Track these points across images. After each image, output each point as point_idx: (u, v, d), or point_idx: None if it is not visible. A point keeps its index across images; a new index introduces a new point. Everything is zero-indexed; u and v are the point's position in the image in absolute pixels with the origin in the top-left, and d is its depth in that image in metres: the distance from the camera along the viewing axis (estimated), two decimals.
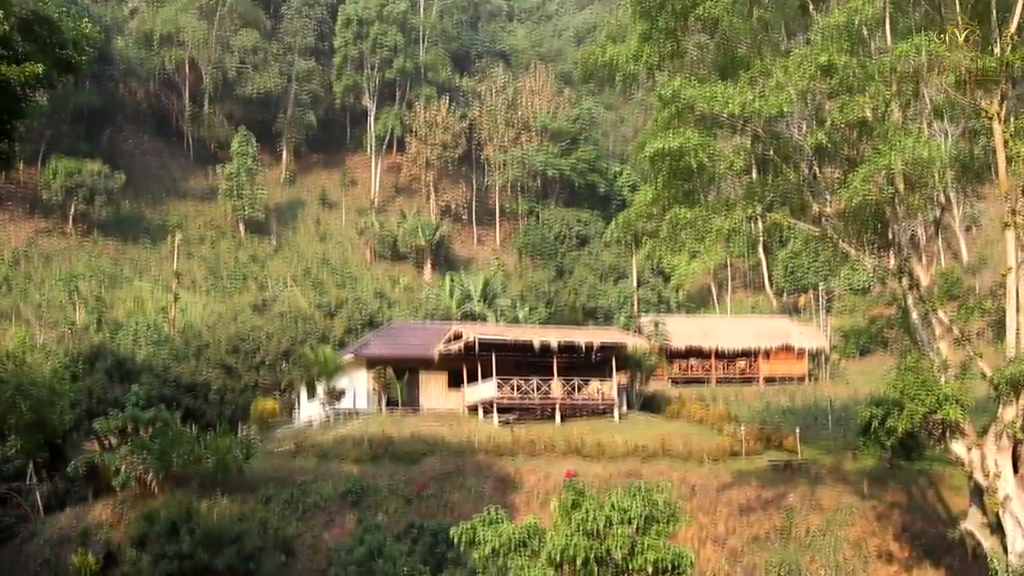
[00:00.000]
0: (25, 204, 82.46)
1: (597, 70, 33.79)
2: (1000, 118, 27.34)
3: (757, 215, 32.60)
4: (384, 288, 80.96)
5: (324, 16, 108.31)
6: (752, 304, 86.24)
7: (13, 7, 24.11)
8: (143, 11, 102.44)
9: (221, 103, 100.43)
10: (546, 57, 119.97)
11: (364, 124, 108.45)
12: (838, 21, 26.92)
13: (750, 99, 27.49)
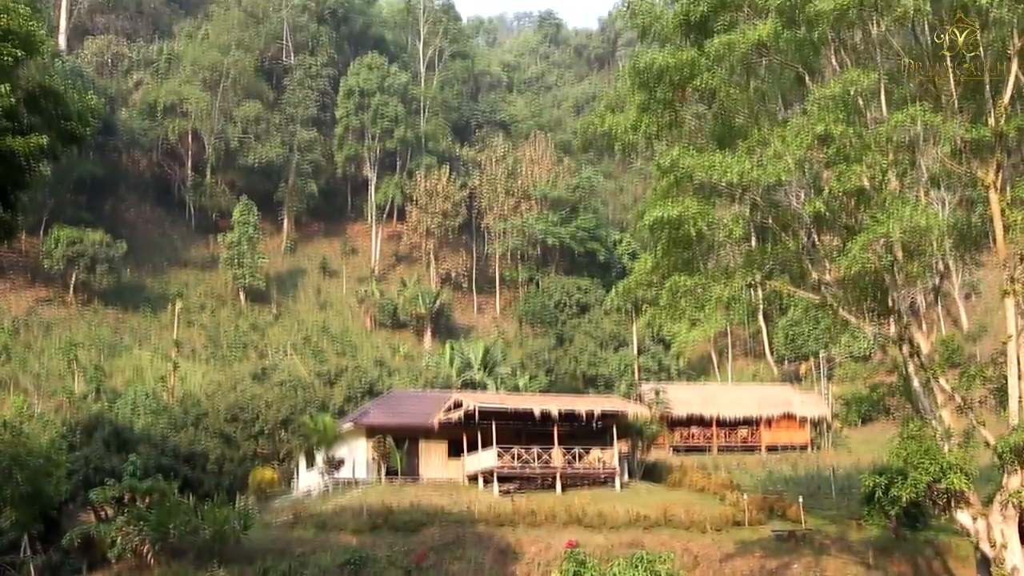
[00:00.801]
0: (26, 273, 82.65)
1: (596, 139, 34.17)
2: (996, 187, 27.59)
3: (757, 283, 32.68)
4: (384, 356, 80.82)
5: (326, 87, 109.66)
6: (753, 372, 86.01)
7: (20, 81, 24.43)
8: (147, 83, 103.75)
9: (223, 172, 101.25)
10: (546, 127, 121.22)
11: (365, 193, 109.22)
12: (834, 92, 27.26)
13: (748, 168, 27.73)
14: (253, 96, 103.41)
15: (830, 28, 28.39)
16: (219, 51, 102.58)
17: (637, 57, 31.33)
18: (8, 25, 23.34)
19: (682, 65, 30.13)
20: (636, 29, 34.17)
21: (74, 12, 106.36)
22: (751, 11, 30.39)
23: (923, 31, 28.71)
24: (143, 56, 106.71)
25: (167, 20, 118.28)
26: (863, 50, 29.85)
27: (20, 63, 24.24)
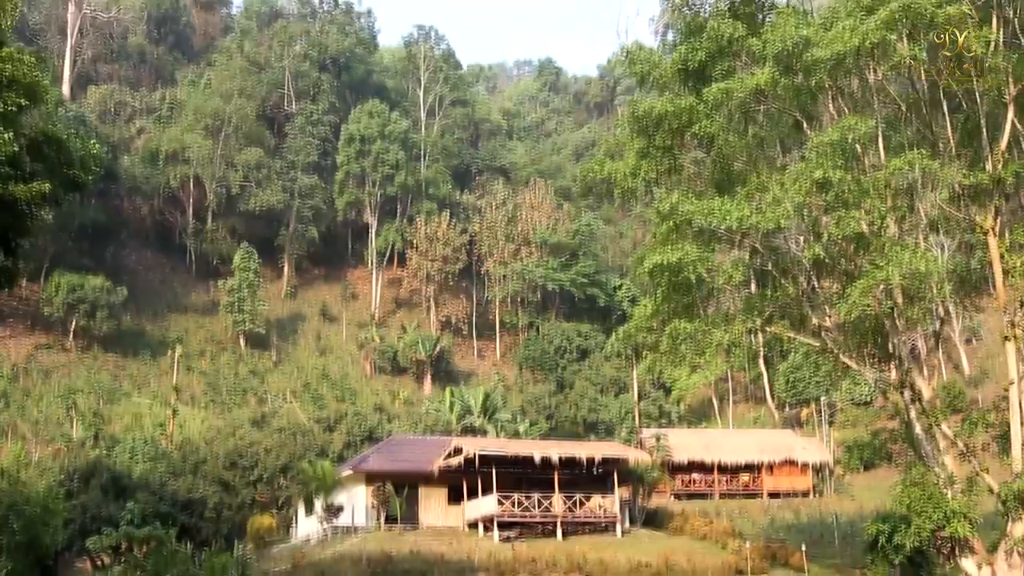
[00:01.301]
0: (26, 320, 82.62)
1: (596, 185, 34.34)
2: (995, 232, 27.69)
3: (757, 328, 32.65)
4: (384, 402, 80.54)
5: (327, 134, 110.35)
6: (754, 417, 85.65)
7: (23, 128, 24.61)
8: (150, 130, 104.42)
9: (224, 219, 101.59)
10: (545, 173, 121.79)
11: (365, 239, 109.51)
12: (832, 138, 27.44)
13: (747, 214, 27.84)
14: (255, 143, 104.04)
15: (827, 75, 28.65)
16: (221, 98, 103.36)
17: (636, 104, 31.60)
18: (12, 74, 23.56)
19: (681, 112, 30.38)
20: (635, 76, 34.52)
21: (78, 61, 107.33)
22: (748, 59, 30.70)
23: (919, 78, 28.97)
24: (146, 104, 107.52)
25: (170, 68, 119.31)
26: (860, 97, 30.13)
27: (24, 111, 24.44)
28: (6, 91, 23.36)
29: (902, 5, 26.31)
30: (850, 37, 26.95)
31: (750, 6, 32.36)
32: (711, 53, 30.92)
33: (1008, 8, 27.70)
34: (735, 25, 30.39)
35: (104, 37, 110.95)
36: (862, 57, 27.91)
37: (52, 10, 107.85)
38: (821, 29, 28.96)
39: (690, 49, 31.26)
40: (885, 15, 26.57)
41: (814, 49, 27.81)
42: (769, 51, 28.85)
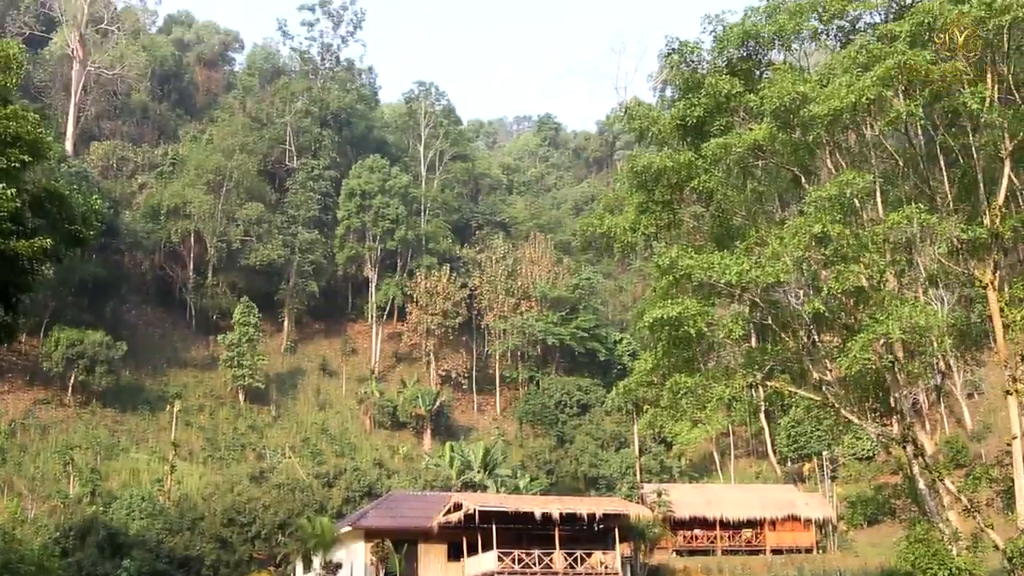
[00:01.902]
0: (25, 375, 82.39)
1: (596, 240, 34.48)
2: (994, 286, 27.73)
3: (757, 383, 32.59)
4: (383, 457, 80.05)
5: (328, 189, 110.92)
6: (756, 472, 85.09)
7: (26, 184, 24.79)
8: (152, 185, 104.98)
9: (225, 273, 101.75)
10: (545, 227, 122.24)
11: (365, 293, 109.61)
12: (830, 193, 27.61)
13: (747, 268, 27.91)
14: (256, 198, 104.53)
15: (825, 131, 28.90)
16: (223, 154, 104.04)
17: (635, 159, 31.85)
18: (16, 131, 23.80)
19: (679, 167, 30.60)
20: (634, 132, 34.84)
21: (81, 118, 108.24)
22: (746, 114, 31.00)
23: (916, 134, 29.23)
24: (148, 159, 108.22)
25: (172, 125, 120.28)
26: (858, 152, 30.38)
27: (27, 167, 24.63)
28: (10, 148, 23.57)
29: (897, 62, 26.63)
30: (847, 93, 27.23)
31: (747, 63, 32.75)
32: (709, 109, 31.22)
33: (1002, 65, 28.02)
34: (732, 81, 30.73)
35: (108, 94, 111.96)
36: (859, 113, 28.18)
37: (57, 68, 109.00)
38: (818, 85, 29.26)
39: (688, 105, 31.58)
40: (881, 72, 26.88)
41: (811, 105, 28.08)
42: (767, 107, 29.12)
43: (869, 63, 27.93)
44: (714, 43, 32.64)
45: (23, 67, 26.18)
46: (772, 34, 31.83)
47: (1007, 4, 26.09)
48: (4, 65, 24.69)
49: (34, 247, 23.90)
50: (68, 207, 26.07)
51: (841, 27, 32.73)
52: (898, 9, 31.51)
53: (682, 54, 32.67)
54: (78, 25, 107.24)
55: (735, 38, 31.99)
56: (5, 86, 24.73)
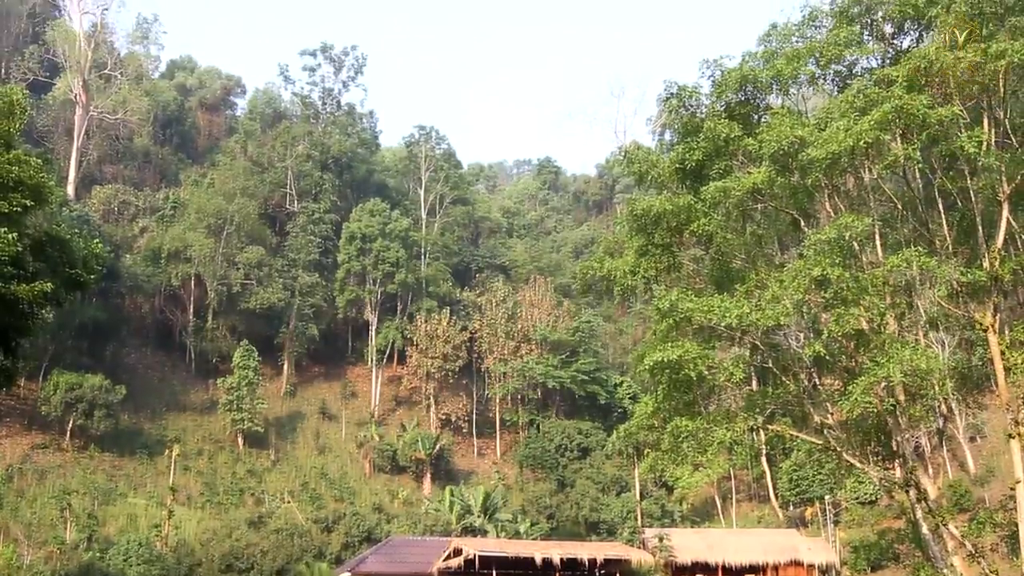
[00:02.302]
0: (23, 419, 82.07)
1: (596, 283, 34.49)
2: (994, 329, 27.68)
3: (759, 426, 32.43)
4: (383, 502, 79.58)
5: (328, 232, 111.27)
6: (758, 516, 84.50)
7: (27, 229, 24.88)
8: (152, 229, 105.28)
9: (224, 317, 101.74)
10: (545, 270, 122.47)
11: (366, 336, 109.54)
12: (829, 236, 27.66)
13: (747, 311, 27.88)
14: (256, 241, 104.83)
15: (823, 175, 29.01)
16: (224, 198, 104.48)
17: (634, 203, 31.93)
18: (19, 176, 23.95)
19: (679, 210, 30.67)
20: (633, 175, 34.99)
21: (84, 162, 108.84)
22: (745, 158, 31.14)
23: (914, 177, 29.35)
24: (149, 203, 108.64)
25: (174, 169, 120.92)
26: (856, 195, 30.47)
27: (29, 211, 24.72)
28: (12, 192, 23.70)
29: (894, 107, 26.79)
30: (844, 137, 27.37)
31: (745, 107, 32.97)
32: (708, 153, 31.38)
33: (999, 109, 28.21)
34: (731, 126, 30.90)
35: (110, 138, 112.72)
36: (857, 157, 28.31)
37: (60, 113, 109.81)
38: (816, 129, 29.42)
39: (687, 149, 31.74)
40: (878, 116, 27.04)
41: (809, 149, 28.21)
42: (765, 151, 29.26)
43: (866, 107, 28.11)
44: (712, 87, 32.88)
45: (26, 112, 26.39)
46: (770, 79, 32.07)
47: (1002, 50, 26.31)
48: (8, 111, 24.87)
49: (34, 291, 23.94)
50: (69, 251, 26.15)
51: (838, 72, 33.00)
52: (895, 54, 31.79)
53: (681, 98, 32.90)
54: (82, 71, 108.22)
55: (733, 83, 32.23)
56: (8, 131, 24.90)
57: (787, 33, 33.31)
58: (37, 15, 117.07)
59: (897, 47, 32.06)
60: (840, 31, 31.12)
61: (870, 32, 32.40)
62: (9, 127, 24.50)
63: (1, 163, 23.58)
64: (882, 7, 31.23)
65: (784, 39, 33.23)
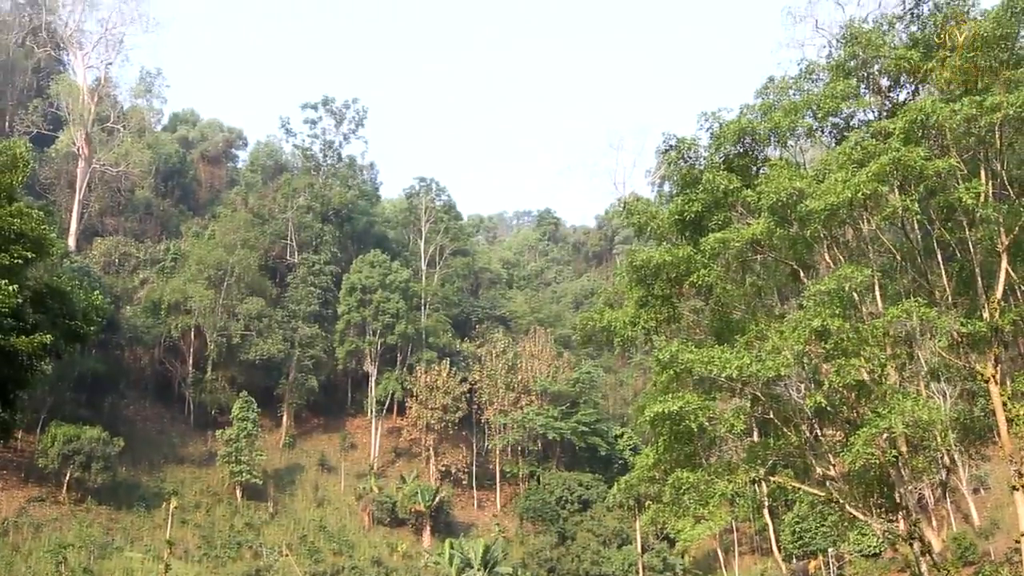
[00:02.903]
0: (20, 472, 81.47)
1: (596, 334, 34.50)
2: (996, 380, 27.64)
3: (760, 478, 32.25)
4: (382, 555, 78.79)
5: (328, 284, 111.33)
6: (761, 569, 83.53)
7: (28, 281, 24.91)
8: (153, 280, 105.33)
9: (224, 368, 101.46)
10: (545, 322, 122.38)
11: (365, 388, 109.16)
12: (829, 287, 27.72)
13: (747, 362, 27.85)
14: (256, 292, 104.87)
15: (822, 226, 29.14)
16: (224, 250, 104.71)
17: (634, 254, 32.04)
18: (21, 228, 24.05)
19: (678, 262, 30.76)
20: (633, 227, 35.16)
21: (85, 214, 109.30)
22: (744, 209, 31.31)
23: (913, 228, 29.48)
24: (150, 255, 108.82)
25: (175, 221, 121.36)
26: (855, 246, 30.58)
27: (30, 264, 24.78)
28: (13, 244, 23.77)
29: (892, 159, 26.99)
30: (843, 189, 27.53)
31: (744, 159, 33.22)
32: (707, 204, 31.56)
33: (996, 161, 28.41)
34: (730, 177, 31.11)
35: (112, 191, 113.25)
36: (855, 208, 28.46)
37: (63, 165, 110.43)
38: (814, 181, 29.61)
39: (686, 200, 31.93)
40: (876, 168, 27.22)
41: (808, 200, 28.36)
42: (764, 202, 29.41)
43: (864, 159, 28.31)
44: (711, 140, 33.18)
45: (29, 165, 26.57)
46: (768, 131, 32.36)
47: (998, 102, 26.56)
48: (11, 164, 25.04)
49: (34, 343, 23.93)
50: (69, 303, 26.19)
51: (835, 124, 33.31)
52: (891, 107, 32.11)
53: (679, 150, 33.18)
54: (85, 124, 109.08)
55: (731, 135, 32.51)
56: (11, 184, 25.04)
57: (784, 86, 33.69)
58: (42, 69, 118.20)
59: (893, 100, 32.39)
60: (837, 84, 31.46)
61: (866, 85, 32.75)
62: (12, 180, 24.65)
63: (3, 215, 23.72)
64: (878, 61, 31.60)
65: (781, 92, 33.59)
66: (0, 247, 23.37)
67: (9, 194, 25.04)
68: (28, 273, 25.60)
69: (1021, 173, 29.73)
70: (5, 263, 23.49)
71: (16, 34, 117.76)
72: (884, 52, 31.57)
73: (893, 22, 33.70)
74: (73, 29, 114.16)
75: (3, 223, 23.88)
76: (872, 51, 31.70)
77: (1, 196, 24.69)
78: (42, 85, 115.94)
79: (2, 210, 23.87)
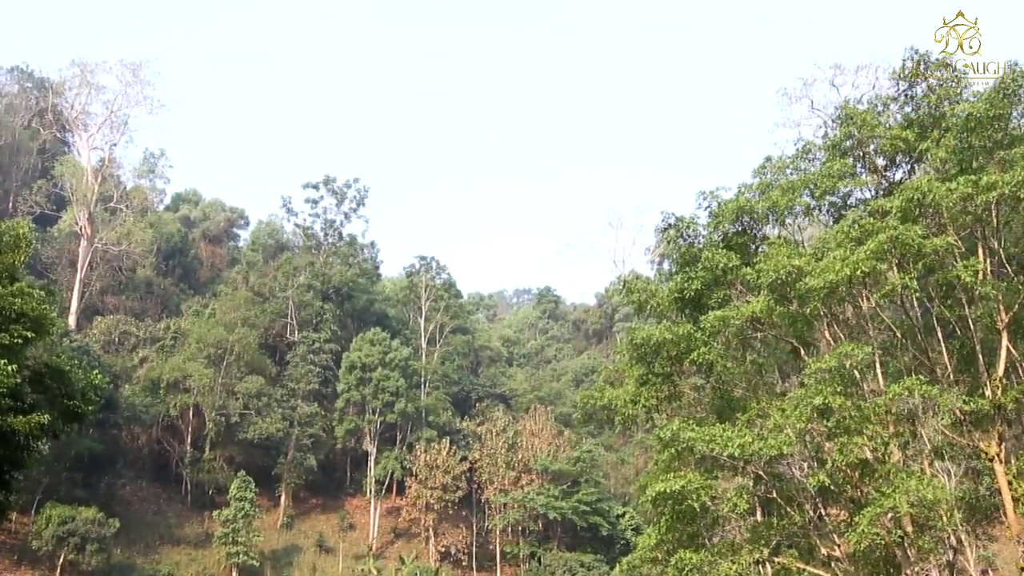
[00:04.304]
0: (13, 554, 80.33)
1: (596, 412, 34.41)
2: (1001, 459, 27.45)
3: (764, 559, 31.79)
4: None
5: (328, 362, 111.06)
6: None
7: (27, 360, 24.88)
8: (152, 359, 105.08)
9: (222, 447, 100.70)
10: (546, 399, 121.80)
11: (364, 467, 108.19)
12: (830, 364, 27.67)
13: (749, 441, 27.69)
14: (256, 371, 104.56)
15: (821, 303, 29.19)
16: (225, 328, 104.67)
17: (634, 332, 32.07)
18: (22, 307, 24.09)
19: (679, 339, 30.78)
20: (632, 304, 35.25)
21: (86, 293, 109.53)
22: (743, 287, 31.41)
23: (912, 306, 29.53)
24: (150, 333, 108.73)
25: (176, 299, 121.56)
26: (855, 324, 30.61)
27: (29, 343, 24.77)
28: (14, 324, 23.79)
29: (890, 237, 27.15)
30: (842, 267, 27.65)
31: (743, 237, 33.44)
32: (707, 282, 31.68)
33: (993, 239, 28.58)
34: (729, 255, 31.28)
35: (113, 270, 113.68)
36: (855, 286, 28.55)
37: (65, 244, 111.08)
38: (813, 259, 29.75)
39: (686, 278, 32.07)
40: (874, 246, 27.37)
41: (807, 278, 28.47)
42: (763, 280, 29.51)
43: (862, 237, 28.49)
44: (709, 218, 33.46)
45: (31, 245, 26.74)
46: (766, 209, 32.64)
47: (993, 182, 26.82)
48: (14, 244, 25.20)
49: (31, 423, 23.82)
50: (68, 382, 26.13)
51: (833, 203, 33.62)
52: (888, 186, 32.45)
53: (678, 229, 33.44)
54: (88, 204, 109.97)
55: (730, 213, 32.78)
56: (13, 264, 25.17)
57: (782, 165, 34.08)
58: (47, 150, 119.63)
59: (890, 179, 32.75)
60: (833, 164, 31.82)
61: (863, 165, 33.14)
62: (14, 260, 24.81)
63: (4, 295, 23.81)
64: (873, 141, 32.03)
65: (779, 171, 33.97)
66: (0, 327, 23.42)
67: (11, 274, 25.16)
68: (28, 352, 25.57)
69: (1019, 251, 29.89)
70: (5, 343, 23.50)
71: (23, 116, 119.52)
72: (879, 132, 32.01)
73: (887, 103, 34.26)
74: (79, 111, 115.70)
75: (4, 303, 23.96)
76: (867, 131, 32.14)
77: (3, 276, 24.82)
78: (47, 166, 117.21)
79: (3, 290, 23.99)
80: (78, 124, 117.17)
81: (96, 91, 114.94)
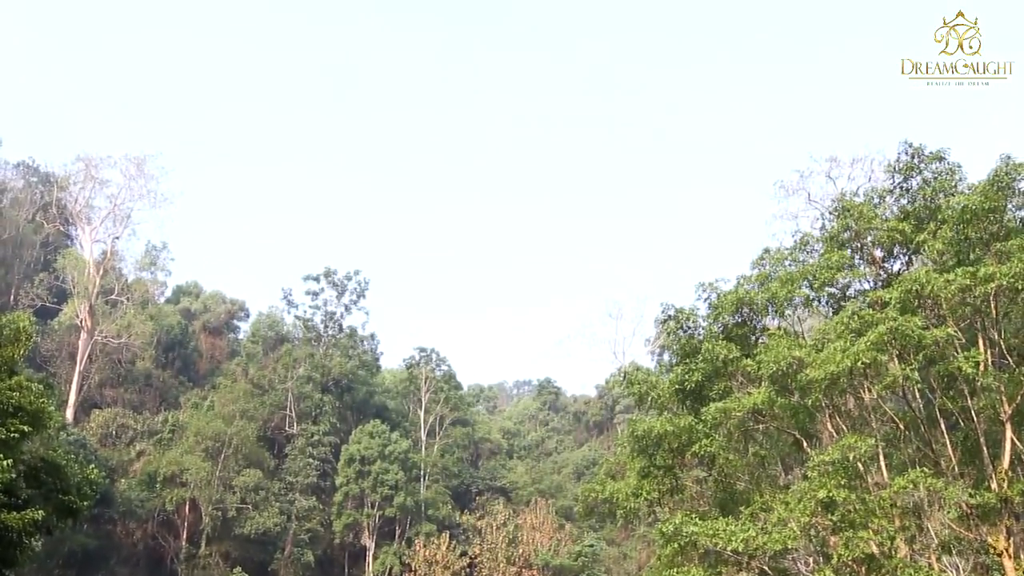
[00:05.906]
0: None
1: (598, 506, 34.01)
2: (1009, 554, 27.00)
3: None
4: None
5: (327, 455, 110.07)
6: None
7: (23, 454, 24.67)
8: (150, 452, 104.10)
9: (219, 543, 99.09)
10: (546, 492, 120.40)
11: (363, 563, 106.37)
12: (833, 457, 27.43)
13: (753, 535, 27.30)
14: (254, 464, 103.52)
15: (823, 395, 29.07)
16: (223, 421, 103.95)
17: (635, 424, 31.89)
18: (19, 402, 23.96)
19: (680, 431, 30.58)
20: (633, 396, 35.10)
21: (84, 386, 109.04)
22: (744, 378, 31.31)
23: (914, 397, 29.40)
24: (148, 426, 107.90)
25: (174, 392, 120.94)
26: (857, 415, 30.44)
27: (26, 437, 24.58)
28: (11, 418, 23.63)
29: (889, 328, 27.16)
30: (842, 358, 27.60)
31: (742, 328, 33.46)
32: (707, 374, 31.59)
33: (993, 330, 28.59)
34: (729, 347, 31.25)
35: (112, 362, 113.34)
36: (856, 377, 28.46)
37: (65, 337, 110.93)
38: (813, 350, 29.71)
39: (686, 370, 31.99)
40: (874, 337, 27.36)
41: (808, 370, 28.39)
42: (764, 371, 29.44)
43: (862, 329, 28.49)
44: (709, 310, 33.52)
45: (31, 339, 26.71)
46: (765, 301, 32.73)
47: (991, 273, 26.93)
48: (14, 337, 25.21)
49: (25, 520, 23.51)
50: (63, 477, 25.86)
51: (832, 294, 33.72)
52: (886, 277, 32.58)
53: (678, 320, 33.48)
54: (89, 297, 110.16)
55: (729, 305, 32.86)
56: (12, 357, 25.13)
57: (780, 257, 34.27)
58: (50, 244, 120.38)
59: (888, 270, 32.91)
60: (832, 255, 32.01)
61: (861, 256, 33.33)
62: (13, 353, 24.78)
63: (2, 389, 23.72)
64: (870, 232, 32.28)
65: (777, 263, 34.15)
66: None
67: (10, 367, 25.11)
68: (24, 446, 25.35)
69: (1019, 342, 29.87)
70: (2, 437, 23.32)
71: (27, 210, 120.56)
72: (876, 224, 32.28)
73: (884, 195, 34.63)
74: (82, 205, 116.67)
75: (2, 396, 23.85)
76: (864, 223, 32.42)
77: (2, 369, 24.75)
78: (49, 258, 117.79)
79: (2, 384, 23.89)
80: (81, 217, 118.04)
81: (100, 185, 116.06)
